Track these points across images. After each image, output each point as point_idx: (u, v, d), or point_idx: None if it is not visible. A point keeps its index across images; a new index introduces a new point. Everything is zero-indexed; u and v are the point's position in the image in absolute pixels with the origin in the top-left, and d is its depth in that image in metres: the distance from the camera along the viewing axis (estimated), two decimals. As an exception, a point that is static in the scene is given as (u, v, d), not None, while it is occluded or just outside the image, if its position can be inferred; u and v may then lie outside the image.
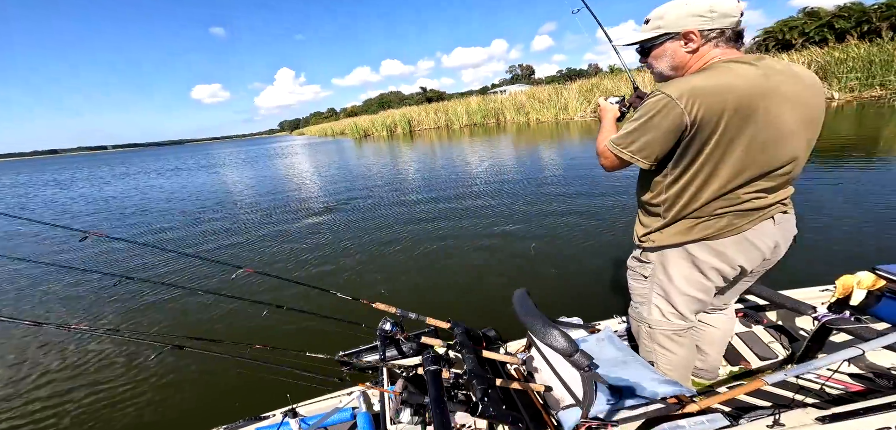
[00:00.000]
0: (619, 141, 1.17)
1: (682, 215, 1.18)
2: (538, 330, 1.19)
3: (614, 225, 4.41)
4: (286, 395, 1.54)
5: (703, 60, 1.10)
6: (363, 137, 34.45)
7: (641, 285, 1.39)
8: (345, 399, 1.56)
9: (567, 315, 1.74)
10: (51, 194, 13.83)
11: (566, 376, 1.32)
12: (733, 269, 1.22)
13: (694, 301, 1.31)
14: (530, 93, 27.63)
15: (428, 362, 1.28)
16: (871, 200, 4.20)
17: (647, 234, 1.28)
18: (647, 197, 1.25)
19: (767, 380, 1.17)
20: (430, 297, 3.27)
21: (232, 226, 6.09)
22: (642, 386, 1.27)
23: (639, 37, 1.21)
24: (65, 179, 21.26)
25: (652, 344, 1.42)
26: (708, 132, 1.02)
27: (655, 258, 1.30)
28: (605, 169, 1.27)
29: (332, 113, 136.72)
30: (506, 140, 16.48)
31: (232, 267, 1.61)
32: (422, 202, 6.64)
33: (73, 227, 6.38)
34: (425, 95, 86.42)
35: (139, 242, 2.34)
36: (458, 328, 1.53)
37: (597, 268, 3.39)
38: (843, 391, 1.39)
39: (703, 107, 0.99)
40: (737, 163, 1.06)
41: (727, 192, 1.10)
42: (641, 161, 1.14)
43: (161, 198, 10.45)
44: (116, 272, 1.84)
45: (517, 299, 1.35)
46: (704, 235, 1.17)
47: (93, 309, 3.48)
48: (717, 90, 1.00)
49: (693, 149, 1.07)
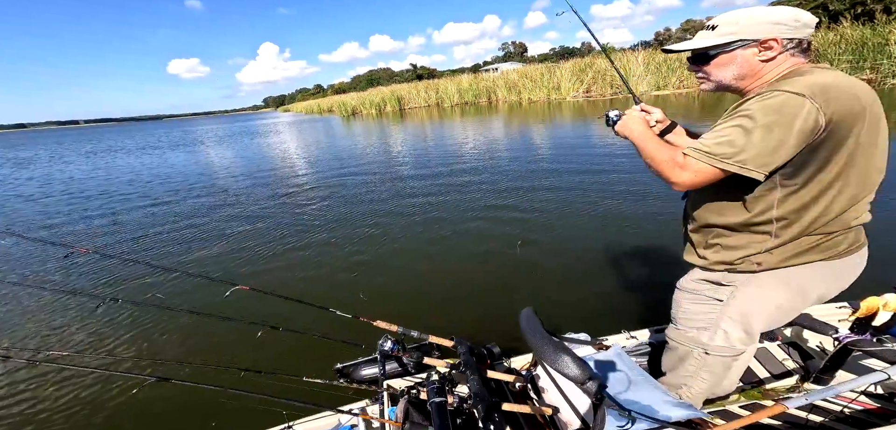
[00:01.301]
0: (715, 151, 0.99)
1: (807, 231, 1.04)
2: (548, 356, 1.12)
3: (619, 225, 4.29)
4: (282, 412, 1.47)
5: (779, 69, 1.04)
6: (351, 115, 33.69)
7: (707, 310, 1.26)
8: (343, 418, 1.50)
9: (573, 330, 1.69)
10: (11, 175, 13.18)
11: (574, 397, 1.28)
12: (829, 294, 1.14)
13: (772, 326, 1.23)
14: (522, 71, 27.21)
15: (432, 393, 1.21)
16: None
17: (746, 256, 1.12)
18: (743, 216, 1.09)
19: (790, 405, 1.12)
20: (432, 302, 3.17)
21: (218, 227, 5.72)
22: (654, 409, 1.22)
23: (705, 42, 1.09)
24: (26, 157, 20.26)
25: (698, 370, 1.32)
26: (842, 135, 0.93)
27: (744, 281, 1.15)
28: (679, 186, 1.08)
29: (319, 90, 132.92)
30: (498, 120, 16.27)
31: (226, 284, 1.49)
32: (416, 193, 6.49)
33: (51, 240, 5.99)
34: (416, 72, 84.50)
35: (126, 257, 2.15)
36: (461, 347, 1.46)
37: (601, 275, 3.31)
38: (861, 412, 1.35)
39: (836, 106, 0.91)
40: (865, 172, 0.99)
41: (855, 205, 1.02)
42: (755, 172, 0.96)
43: (136, 181, 10.05)
44: (98, 292, 1.69)
45: (524, 319, 1.28)
46: (827, 255, 1.06)
47: (71, 334, 3.11)
48: (846, 89, 0.94)
49: (821, 155, 0.95)
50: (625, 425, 1.19)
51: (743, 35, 1.04)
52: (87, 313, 3.30)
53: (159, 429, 2.14)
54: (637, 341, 1.81)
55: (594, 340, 1.66)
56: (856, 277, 1.14)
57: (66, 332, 3.17)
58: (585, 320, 1.96)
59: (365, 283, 3.57)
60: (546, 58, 63.65)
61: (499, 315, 2.77)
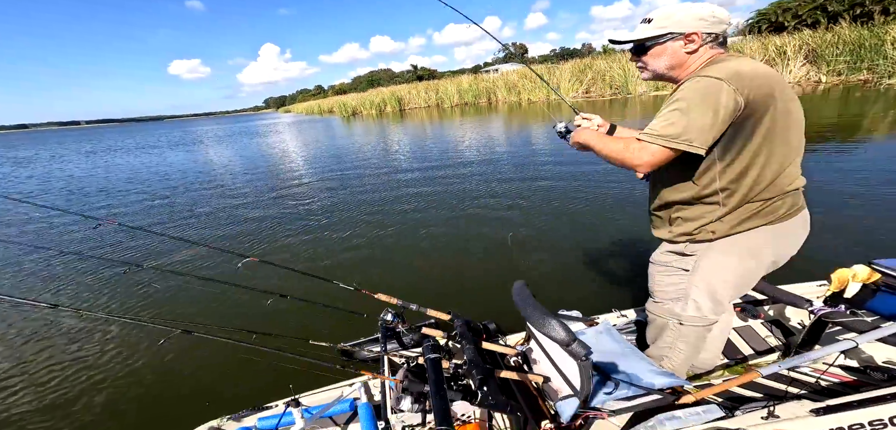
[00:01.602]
0: (664, 133, 1.12)
1: (748, 198, 1.17)
2: (536, 320, 1.20)
3: (607, 214, 4.42)
4: (289, 385, 1.55)
5: (701, 60, 1.19)
6: (351, 115, 33.77)
7: (677, 280, 1.37)
8: (346, 390, 1.57)
9: (566, 309, 1.76)
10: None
11: (564, 367, 1.34)
12: (780, 257, 1.26)
13: (735, 293, 1.34)
14: (522, 72, 27.26)
15: (428, 350, 1.29)
16: (866, 189, 4.15)
17: (701, 226, 1.25)
18: (693, 190, 1.22)
19: (762, 372, 1.21)
20: (430, 285, 3.28)
21: (232, 210, 6.00)
22: (639, 377, 1.31)
23: (641, 34, 1.23)
24: (60, 154, 20.40)
25: (675, 340, 1.42)
26: (761, 112, 1.08)
27: (704, 250, 1.28)
28: (641, 168, 1.22)
29: (320, 90, 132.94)
30: (497, 120, 16.33)
31: (237, 256, 1.59)
32: (415, 186, 6.58)
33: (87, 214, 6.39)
34: (416, 73, 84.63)
35: (147, 229, 2.35)
36: (458, 320, 1.54)
37: (594, 259, 3.41)
38: (837, 384, 1.41)
39: (750, 88, 1.06)
40: (785, 142, 1.13)
41: (783, 171, 1.15)
42: (696, 148, 1.10)
43: (148, 176, 10.14)
44: (124, 260, 1.83)
45: (516, 290, 1.36)
46: (769, 219, 1.19)
47: (100, 295, 3.53)
48: (755, 74, 1.09)
49: (746, 130, 1.10)
50: (610, 391, 1.28)
51: (672, 28, 1.18)
52: (116, 278, 3.77)
53: (179, 386, 2.31)
54: (626, 319, 1.88)
55: (585, 317, 1.75)
56: (802, 238, 1.27)
57: (99, 292, 3.58)
58: (578, 302, 2.05)
59: (366, 262, 3.75)
60: (546, 59, 63.74)
61: (495, 297, 2.87)
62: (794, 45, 15.37)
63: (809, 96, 12.29)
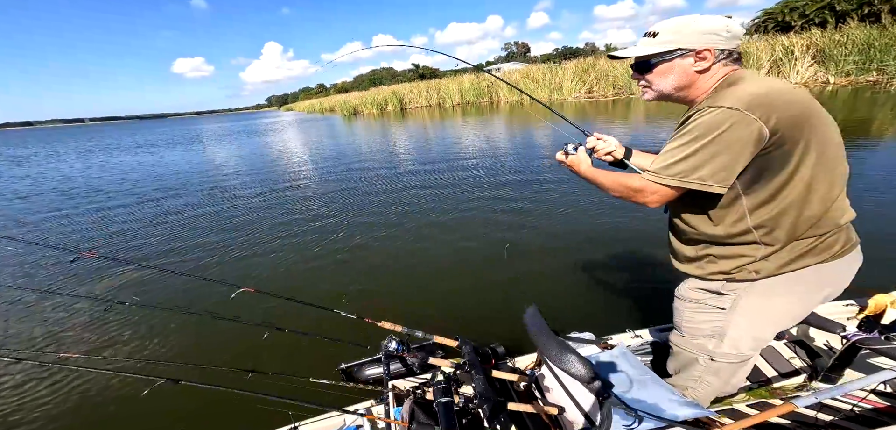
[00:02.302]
0: (676, 171, 1.03)
1: (796, 235, 1.05)
2: (553, 354, 1.11)
3: (620, 224, 4.27)
4: (289, 413, 1.47)
5: (713, 80, 1.08)
6: (353, 114, 33.71)
7: (712, 318, 1.25)
8: (349, 419, 1.50)
9: (577, 329, 1.68)
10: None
11: (579, 396, 1.27)
12: (831, 295, 1.15)
13: (779, 329, 1.23)
14: (524, 72, 27.14)
15: (438, 393, 1.21)
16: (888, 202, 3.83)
17: (741, 266, 1.12)
18: (722, 228, 1.11)
19: (799, 404, 1.11)
20: (434, 303, 3.16)
21: (224, 223, 5.76)
22: (661, 408, 1.21)
23: (646, 50, 1.11)
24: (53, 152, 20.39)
25: (704, 374, 1.32)
26: (793, 138, 0.96)
27: (745, 289, 1.15)
28: (649, 206, 1.14)
29: (322, 89, 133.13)
30: (498, 121, 16.21)
31: (231, 286, 1.49)
32: (415, 193, 6.45)
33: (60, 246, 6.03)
34: (418, 71, 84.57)
35: (132, 261, 2.16)
36: (466, 347, 1.46)
37: (603, 274, 3.29)
38: (871, 412, 1.33)
39: (776, 113, 0.94)
40: (828, 169, 1.01)
41: (832, 204, 1.03)
42: (715, 187, 1.00)
43: (142, 181, 10.10)
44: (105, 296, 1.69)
45: (529, 316, 1.27)
46: (823, 257, 1.07)
47: (77, 338, 3.11)
48: (782, 96, 0.97)
49: (777, 161, 0.98)
50: (631, 424, 1.18)
51: (682, 44, 1.06)
52: (96, 316, 3.33)
53: (168, 424, 2.16)
54: (642, 340, 1.80)
55: (599, 339, 1.65)
56: (853, 275, 1.15)
57: (75, 334, 3.18)
58: (590, 320, 1.96)
59: (367, 283, 3.57)
60: (549, 58, 63.52)
61: (502, 315, 2.77)
62: (801, 44, 15.18)
63: (817, 97, 12.10)
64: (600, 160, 1.45)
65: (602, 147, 1.39)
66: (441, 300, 3.20)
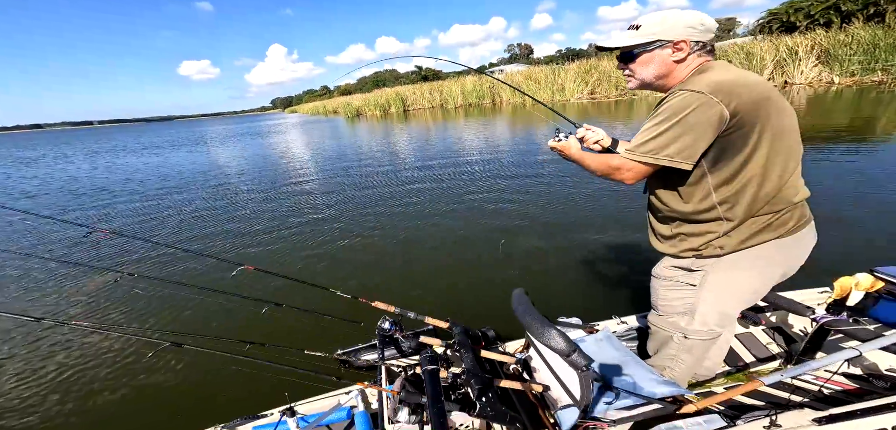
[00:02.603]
0: (647, 149, 1.13)
1: (754, 212, 1.15)
2: (536, 330, 1.17)
3: (606, 217, 4.37)
4: (285, 393, 1.53)
5: (689, 69, 1.17)
6: (356, 116, 33.91)
7: (683, 294, 1.34)
8: (343, 398, 1.55)
9: (565, 315, 1.73)
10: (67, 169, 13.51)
11: (564, 376, 1.31)
12: (790, 270, 1.24)
13: (743, 306, 1.31)
14: (527, 73, 27.16)
15: (425, 361, 1.26)
16: (870, 196, 4.06)
17: (708, 242, 1.22)
18: (691, 205, 1.20)
19: (764, 381, 1.18)
20: (428, 290, 3.24)
21: (226, 213, 5.98)
22: (640, 386, 1.29)
23: (629, 41, 1.20)
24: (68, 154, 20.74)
25: (679, 352, 1.40)
26: (751, 121, 1.05)
27: (712, 265, 1.24)
28: (626, 182, 1.23)
29: (326, 91, 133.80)
30: (500, 122, 16.26)
31: (232, 264, 1.56)
32: (413, 189, 6.53)
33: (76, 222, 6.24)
34: (421, 73, 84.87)
35: (139, 237, 2.28)
36: (456, 328, 1.52)
37: (593, 265, 3.37)
38: (840, 392, 1.39)
39: (736, 98, 1.04)
40: (783, 151, 1.10)
41: (786, 182, 1.12)
42: (682, 163, 1.10)
43: (153, 179, 10.26)
44: (115, 268, 1.77)
45: (516, 298, 1.33)
46: (779, 232, 1.16)
47: (89, 305, 3.41)
48: (741, 83, 1.06)
49: (737, 142, 1.08)
50: (611, 400, 1.25)
51: (661, 36, 1.15)
52: (108, 288, 3.60)
53: (170, 397, 2.25)
54: (627, 326, 1.85)
55: (585, 324, 1.71)
56: (809, 250, 1.25)
57: (87, 303, 3.45)
58: (579, 307, 2.02)
59: (363, 268, 3.69)
60: (552, 60, 63.51)
61: (494, 303, 2.84)
62: (805, 45, 15.11)
63: (821, 97, 12.07)
64: (589, 149, 1.51)
65: (590, 136, 1.47)
66: (434, 287, 3.29)
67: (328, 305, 1.75)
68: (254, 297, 1.57)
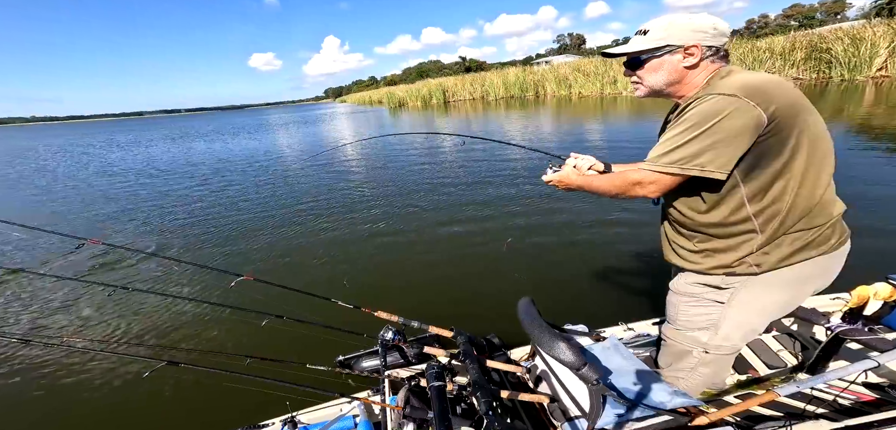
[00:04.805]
0: (674, 158, 1.04)
1: (789, 225, 1.06)
2: (545, 343, 1.13)
3: (618, 221, 4.17)
4: (286, 403, 1.50)
5: (701, 75, 1.11)
6: (398, 106, 34.50)
7: (708, 310, 1.25)
8: (346, 408, 1.54)
9: (571, 321, 1.64)
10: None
11: (572, 386, 1.27)
12: (821, 286, 1.17)
13: (770, 320, 1.25)
14: (575, 65, 25.90)
15: (432, 377, 1.22)
16: None
17: (741, 258, 1.12)
18: (720, 218, 1.10)
19: (780, 391, 1.11)
20: (431, 295, 3.19)
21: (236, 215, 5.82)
22: (650, 397, 1.24)
23: (637, 46, 1.14)
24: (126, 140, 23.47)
25: (697, 365, 1.33)
26: (789, 125, 0.98)
27: (744, 282, 1.15)
28: (648, 197, 1.16)
29: (373, 81, 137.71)
30: (539, 116, 15.67)
31: (231, 274, 1.56)
32: (423, 190, 6.32)
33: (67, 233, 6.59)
34: (465, 64, 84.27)
35: (135, 249, 2.24)
36: (461, 337, 1.46)
37: (599, 270, 3.22)
38: (855, 402, 1.31)
39: (774, 101, 0.96)
40: (821, 161, 1.02)
41: (825, 194, 1.05)
42: (715, 173, 1.00)
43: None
44: (110, 281, 1.75)
45: (522, 308, 1.29)
46: (822, 250, 1.08)
47: (83, 320, 3.20)
48: (775, 83, 0.99)
49: (775, 146, 0.99)
50: (621, 412, 1.19)
51: (671, 40, 1.09)
52: (101, 301, 3.41)
53: (167, 412, 2.20)
54: (634, 333, 1.79)
55: (592, 331, 1.65)
56: (842, 265, 1.16)
57: (80, 319, 3.25)
58: (585, 313, 1.91)
59: (365, 274, 3.64)
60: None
61: (499, 309, 2.74)
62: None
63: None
64: None
65: (582, 164, 1.37)
66: (437, 293, 3.23)
67: (330, 315, 1.67)
68: (253, 309, 1.55)
